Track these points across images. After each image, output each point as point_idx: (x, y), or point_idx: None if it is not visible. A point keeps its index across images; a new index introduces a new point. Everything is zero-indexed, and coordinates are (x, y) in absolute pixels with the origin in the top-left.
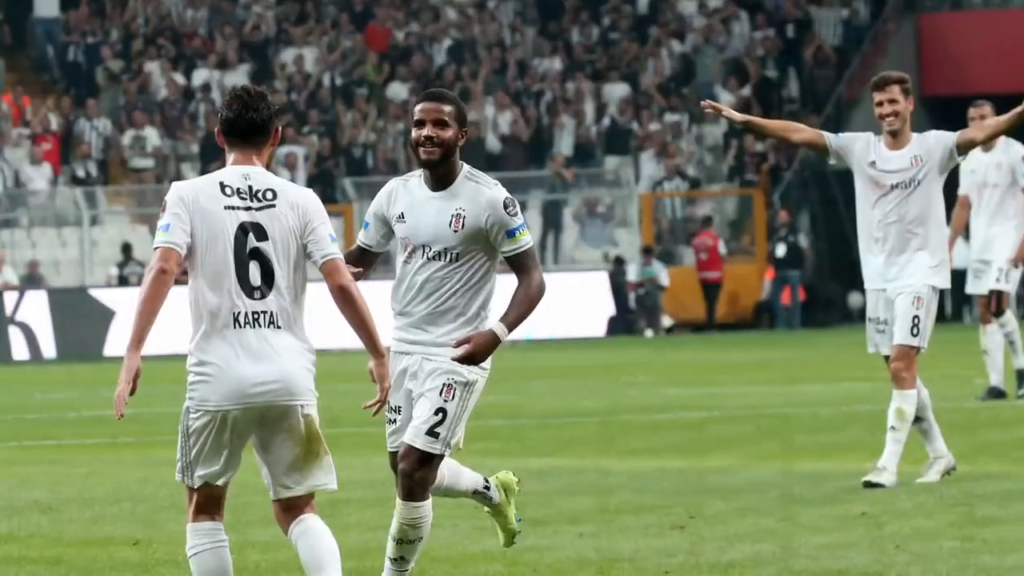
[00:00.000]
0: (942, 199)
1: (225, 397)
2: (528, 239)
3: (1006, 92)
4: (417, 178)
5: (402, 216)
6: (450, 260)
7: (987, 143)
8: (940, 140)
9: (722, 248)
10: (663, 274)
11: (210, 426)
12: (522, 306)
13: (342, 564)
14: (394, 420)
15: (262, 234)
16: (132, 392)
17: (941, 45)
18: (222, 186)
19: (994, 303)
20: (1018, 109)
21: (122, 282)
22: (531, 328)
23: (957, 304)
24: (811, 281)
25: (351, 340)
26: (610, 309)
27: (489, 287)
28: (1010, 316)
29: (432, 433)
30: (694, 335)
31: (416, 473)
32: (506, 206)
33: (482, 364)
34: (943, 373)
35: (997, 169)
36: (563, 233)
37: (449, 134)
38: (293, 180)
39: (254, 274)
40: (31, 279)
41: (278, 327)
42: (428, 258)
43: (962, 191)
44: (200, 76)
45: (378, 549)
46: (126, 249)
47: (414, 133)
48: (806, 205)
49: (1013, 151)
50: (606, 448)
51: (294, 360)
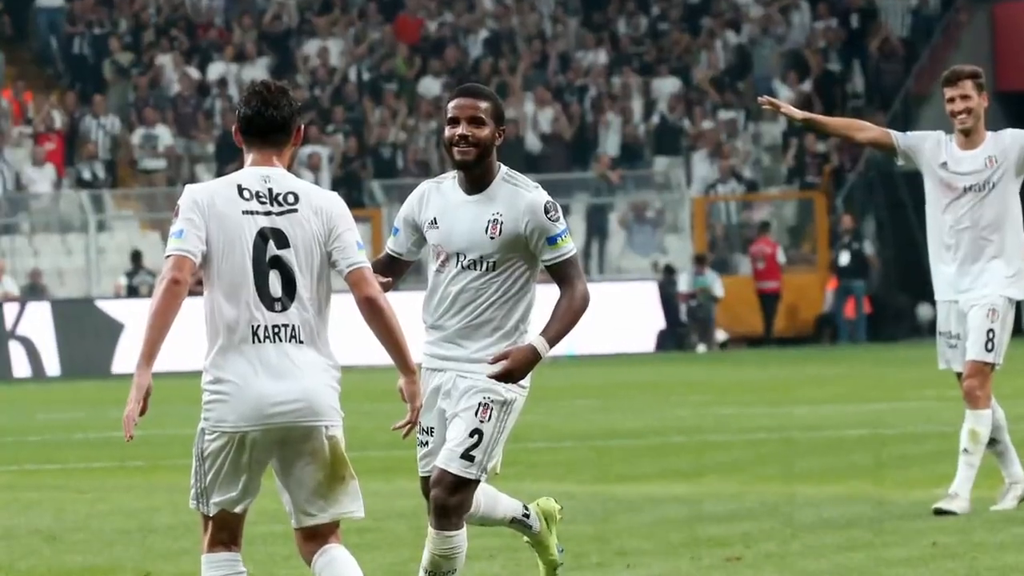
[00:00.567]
0: (1019, 203)
1: (243, 417)
2: (571, 246)
3: None
4: (451, 180)
5: (435, 221)
6: (487, 269)
7: None
8: (1016, 139)
9: (781, 256)
10: (717, 284)
11: (227, 449)
12: (564, 319)
13: None
14: (426, 442)
15: (283, 241)
16: (142, 412)
17: (1017, 36)
18: (240, 189)
19: None
20: None
21: (131, 293)
22: (574, 343)
23: None
24: (877, 292)
25: (379, 356)
26: (659, 322)
27: (528, 298)
28: None
29: (467, 456)
30: (750, 350)
31: (450, 500)
32: (547, 211)
33: (521, 382)
34: (1021, 391)
35: None
36: (609, 240)
37: (485, 133)
38: (316, 182)
39: (274, 284)
40: (33, 290)
41: (300, 342)
42: (463, 267)
43: None
44: (216, 70)
45: None
46: (136, 257)
47: (447, 132)
48: (872, 209)
49: None
50: (655, 472)
51: (318, 377)
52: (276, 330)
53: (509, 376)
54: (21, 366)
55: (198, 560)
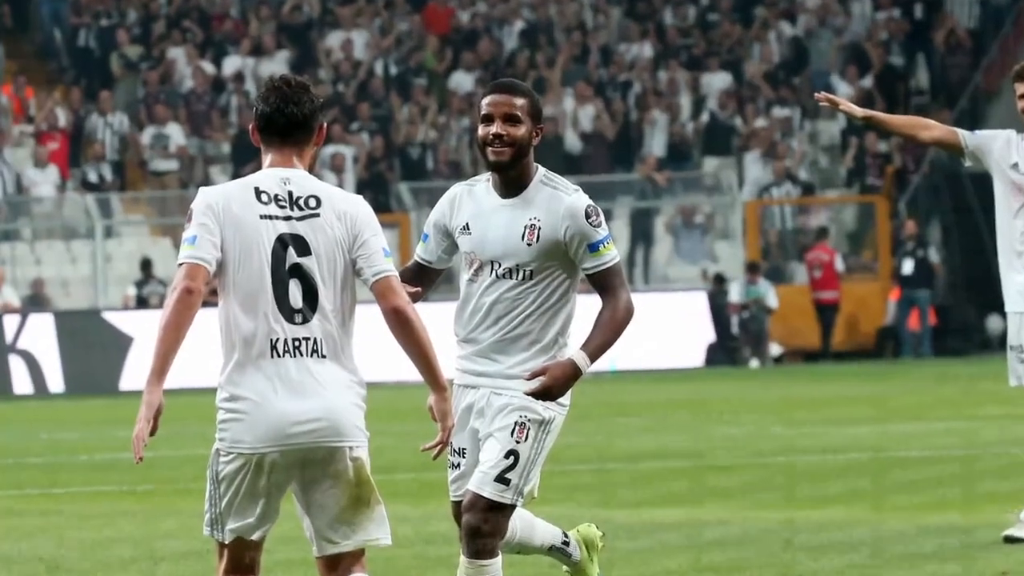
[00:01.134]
0: None
1: (261, 438)
2: (614, 254)
3: None
4: (484, 183)
5: (467, 227)
6: (523, 278)
7: None
8: None
9: (839, 264)
10: (771, 294)
11: (244, 471)
12: (607, 332)
13: None
14: (458, 464)
15: (304, 248)
16: (152, 432)
17: None
18: (257, 192)
19: None
20: None
21: (141, 304)
22: (617, 358)
23: None
24: (943, 302)
25: (408, 372)
26: (709, 335)
27: (568, 310)
28: None
29: (502, 480)
30: (807, 365)
31: (483, 526)
32: (588, 215)
33: (560, 399)
34: None
35: None
36: (654, 247)
37: (521, 132)
38: (340, 185)
39: (295, 294)
40: (35, 300)
41: (323, 356)
42: (497, 276)
43: None
44: (232, 64)
45: None
46: (146, 265)
47: (481, 131)
48: (937, 214)
49: None
50: (704, 497)
51: (341, 394)
52: (296, 344)
53: (547, 393)
54: (22, 382)
55: None
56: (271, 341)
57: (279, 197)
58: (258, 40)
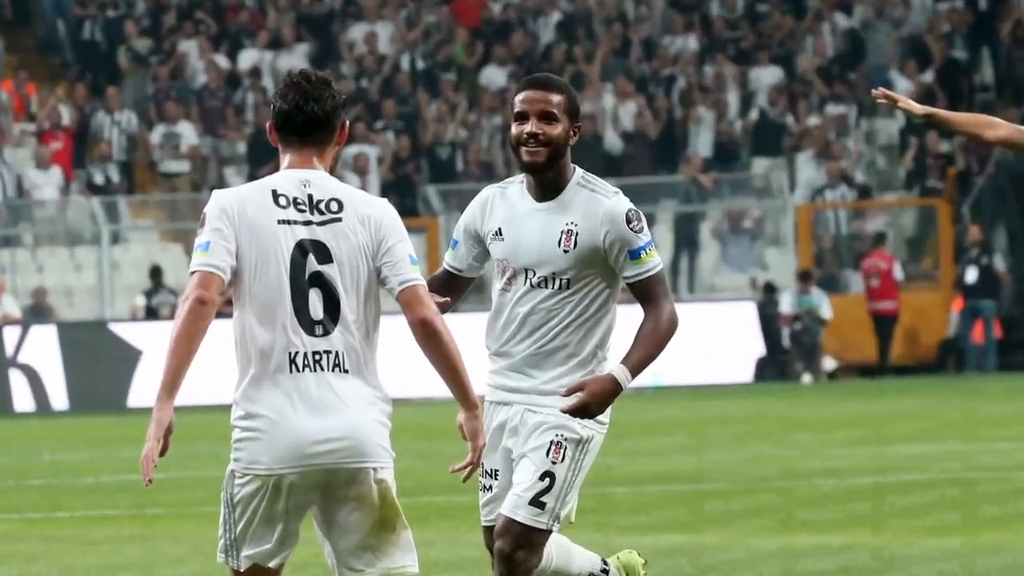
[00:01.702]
0: None
1: (279, 458)
2: (656, 261)
3: None
4: (518, 185)
5: (499, 232)
6: (559, 287)
7: None
8: None
9: (898, 272)
10: (824, 305)
11: (260, 494)
12: (649, 345)
13: None
14: (489, 487)
15: (325, 255)
16: (163, 452)
17: None
18: (275, 195)
19: None
20: None
21: (150, 315)
22: (660, 372)
23: None
24: (1009, 313)
25: (436, 387)
26: (758, 349)
27: (607, 321)
28: None
29: (537, 503)
30: (863, 381)
31: (517, 553)
32: (629, 220)
33: (599, 417)
34: None
35: None
36: (700, 254)
37: (558, 130)
38: (364, 187)
39: (315, 305)
40: (37, 311)
41: (345, 371)
42: (532, 285)
43: None
44: (248, 58)
45: None
46: (155, 274)
47: (514, 129)
48: (1003, 219)
49: None
50: (753, 523)
51: (365, 412)
52: (317, 357)
53: (585, 410)
54: (23, 399)
55: None
56: (290, 355)
57: (298, 200)
58: (276, 32)
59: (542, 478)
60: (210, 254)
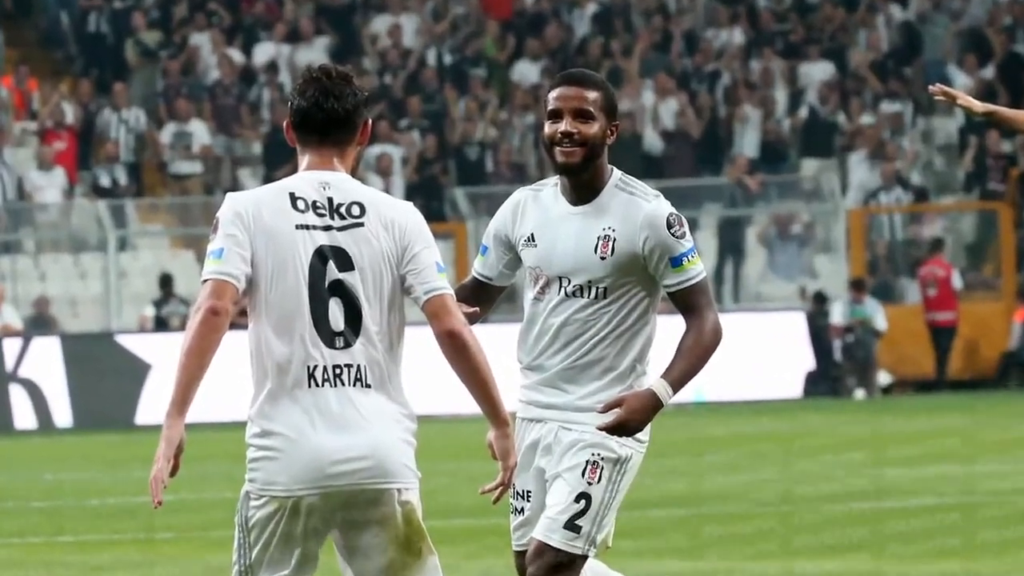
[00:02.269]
0: None
1: (297, 478)
2: (699, 269)
3: None
4: (552, 188)
5: (532, 238)
6: (596, 296)
7: None
8: None
9: (957, 281)
10: (878, 315)
11: (278, 516)
12: (691, 358)
13: None
14: (521, 509)
15: (346, 262)
16: (173, 472)
17: None
18: (293, 198)
19: None
20: None
21: (160, 326)
22: (703, 387)
23: None
24: None
25: (465, 403)
26: (808, 362)
27: (647, 332)
28: None
29: (572, 526)
30: (919, 396)
31: None
32: (670, 225)
33: (638, 435)
34: None
35: None
36: (746, 261)
37: (594, 130)
38: (387, 190)
39: (335, 315)
40: (39, 322)
41: (367, 385)
42: (567, 294)
43: None
44: (264, 52)
45: None
46: (165, 282)
47: (548, 128)
48: None
49: None
50: (802, 548)
51: (388, 429)
52: (337, 371)
53: (624, 428)
54: (24, 415)
55: None
56: (309, 368)
57: (318, 204)
58: (294, 24)
59: (577, 500)
60: (224, 261)
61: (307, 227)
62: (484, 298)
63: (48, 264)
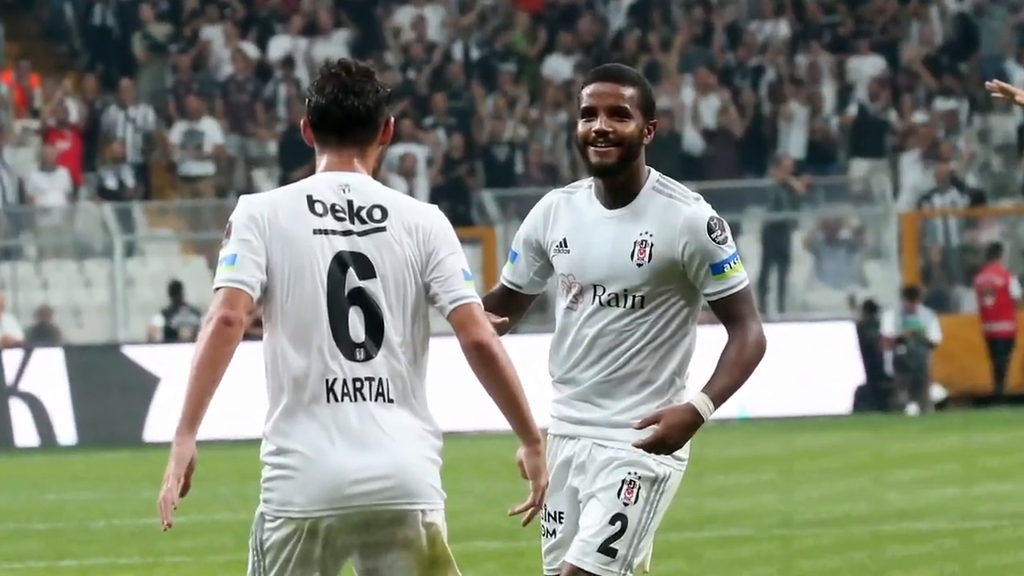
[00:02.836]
0: None
1: (315, 499)
2: (742, 276)
3: None
4: (585, 190)
5: (564, 244)
6: (632, 306)
7: None
8: None
9: (1016, 289)
10: (932, 326)
11: (294, 539)
12: (734, 371)
13: None
14: (553, 531)
15: (367, 269)
16: (184, 492)
17: None
18: (311, 201)
19: None
20: None
21: (169, 337)
22: (746, 402)
23: None
24: None
25: (493, 418)
26: (858, 375)
27: (686, 344)
28: None
29: (607, 550)
30: (976, 412)
31: None
32: (711, 230)
33: (677, 452)
34: None
35: None
36: (792, 268)
37: (630, 128)
38: (411, 192)
39: (356, 326)
40: (41, 332)
41: (389, 400)
42: (602, 303)
43: None
44: (279, 46)
45: None
46: (175, 290)
47: (581, 127)
48: None
49: None
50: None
51: (412, 447)
52: (358, 385)
53: (662, 445)
54: (25, 431)
55: None
56: (327, 382)
57: (337, 207)
58: (312, 17)
59: (612, 521)
60: (237, 268)
61: (325, 232)
62: (513, 307)
63: (51, 271)
